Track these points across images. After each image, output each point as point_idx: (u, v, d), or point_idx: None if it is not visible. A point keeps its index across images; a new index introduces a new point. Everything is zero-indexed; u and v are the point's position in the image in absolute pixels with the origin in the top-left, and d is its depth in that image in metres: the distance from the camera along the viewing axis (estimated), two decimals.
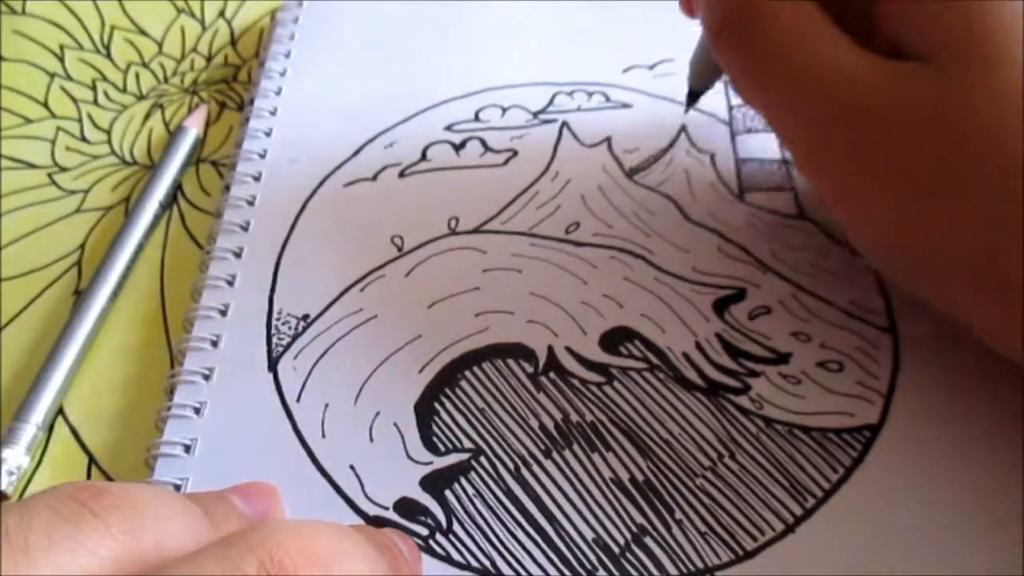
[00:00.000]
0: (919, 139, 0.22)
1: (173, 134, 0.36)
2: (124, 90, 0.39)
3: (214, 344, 0.29)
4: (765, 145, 0.33)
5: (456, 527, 0.25)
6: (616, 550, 0.24)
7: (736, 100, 0.35)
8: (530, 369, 0.28)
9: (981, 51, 0.22)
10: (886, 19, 0.24)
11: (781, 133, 0.26)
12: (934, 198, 0.23)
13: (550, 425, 0.26)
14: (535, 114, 0.35)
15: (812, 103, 0.24)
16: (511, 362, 0.28)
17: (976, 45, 0.22)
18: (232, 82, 0.39)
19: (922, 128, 0.22)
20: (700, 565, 0.24)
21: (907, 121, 0.23)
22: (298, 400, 0.27)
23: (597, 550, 0.24)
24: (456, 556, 0.24)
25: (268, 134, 0.35)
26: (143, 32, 0.41)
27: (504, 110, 0.35)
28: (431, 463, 0.26)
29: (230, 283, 0.30)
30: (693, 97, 0.32)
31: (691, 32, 0.30)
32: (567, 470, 0.26)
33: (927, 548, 0.23)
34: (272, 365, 0.28)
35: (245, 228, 0.32)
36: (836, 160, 0.24)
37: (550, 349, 0.28)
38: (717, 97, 0.35)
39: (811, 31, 0.24)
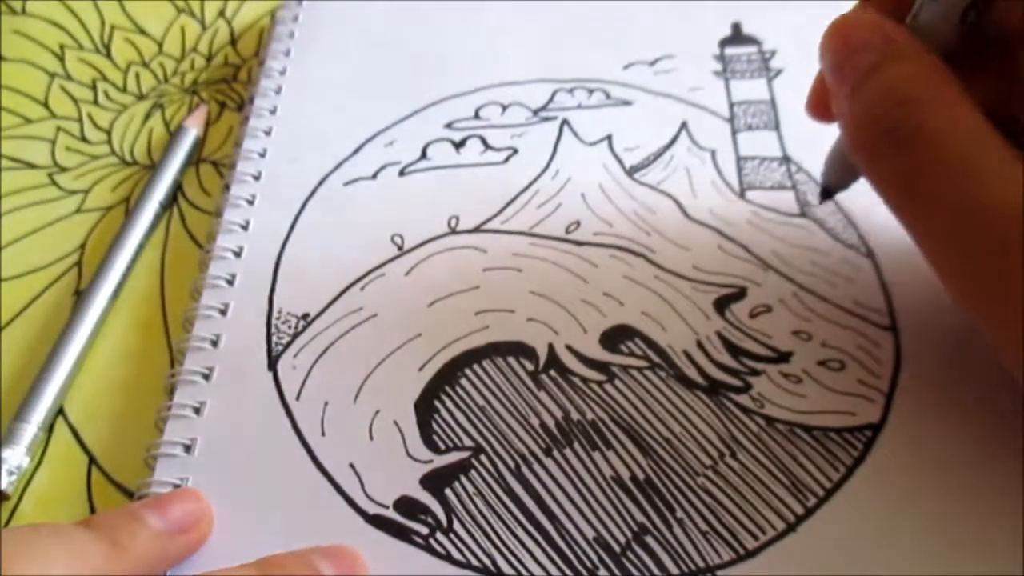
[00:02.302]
0: None
1: (173, 134, 0.36)
2: (124, 90, 0.39)
3: (214, 343, 0.29)
4: (766, 143, 0.33)
5: (456, 525, 0.25)
6: (617, 549, 0.24)
7: (737, 97, 0.35)
8: (531, 367, 0.28)
9: None
10: None
11: (943, 264, 0.22)
12: None
13: (551, 423, 0.26)
14: (535, 112, 0.35)
15: (983, 237, 0.20)
16: (511, 360, 0.28)
17: None
18: (232, 82, 0.39)
19: None
20: (701, 564, 0.24)
21: None
22: (298, 399, 0.27)
23: (598, 549, 0.24)
24: (456, 555, 0.24)
25: (268, 133, 0.35)
26: (143, 32, 0.41)
27: (504, 108, 0.35)
28: (431, 461, 0.26)
29: (230, 282, 0.30)
30: (827, 194, 0.29)
31: (692, 29, 0.29)
32: (568, 468, 0.25)
33: (928, 547, 0.23)
34: (272, 364, 0.28)
35: (245, 227, 0.32)
36: (1005, 302, 0.20)
37: (551, 347, 0.28)
38: (718, 94, 0.35)
39: (983, 149, 0.20)
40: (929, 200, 0.21)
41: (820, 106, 0.27)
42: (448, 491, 0.25)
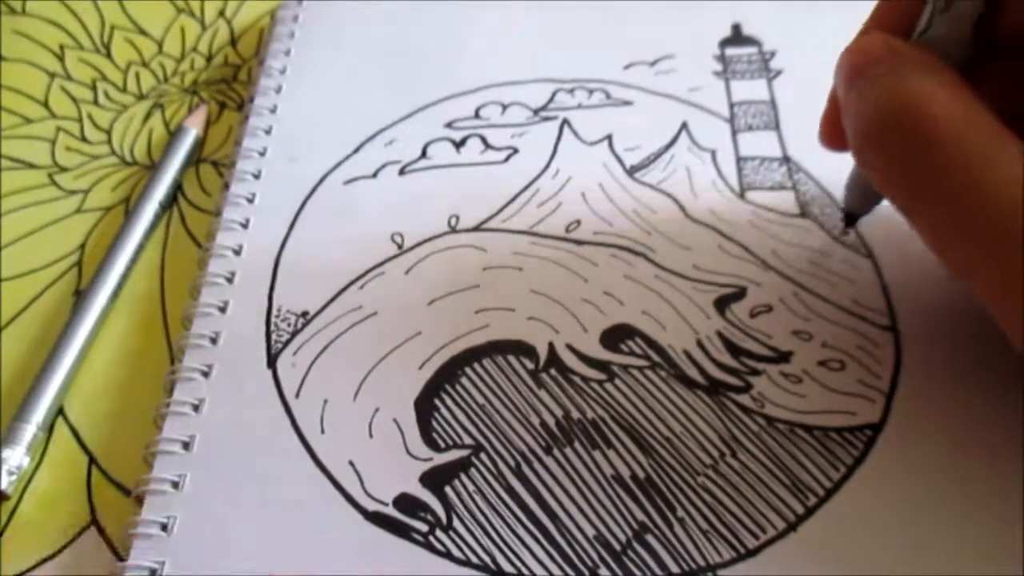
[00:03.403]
0: None
1: (173, 134, 0.36)
2: (124, 90, 0.39)
3: (213, 341, 0.29)
4: (766, 143, 0.33)
5: (456, 523, 0.25)
6: (617, 547, 0.24)
7: (737, 97, 0.35)
8: (531, 366, 0.28)
9: None
10: None
11: (957, 263, 0.22)
12: None
13: (551, 422, 0.26)
14: (536, 111, 0.35)
15: (999, 239, 0.20)
16: (512, 359, 0.28)
17: None
18: (232, 82, 0.39)
19: None
20: (702, 563, 0.24)
21: None
22: (297, 396, 0.27)
23: (598, 547, 0.24)
24: (456, 553, 0.24)
25: (268, 132, 0.35)
26: (143, 32, 0.41)
27: (504, 107, 0.35)
28: (431, 459, 0.26)
29: (229, 280, 0.30)
30: (851, 220, 0.29)
31: (692, 29, 0.30)
32: (568, 467, 0.25)
33: (928, 547, 0.23)
34: (271, 362, 0.28)
35: (245, 226, 0.32)
36: (1008, 293, 0.20)
37: (551, 346, 0.28)
38: (718, 94, 0.35)
39: (997, 151, 0.20)
40: (943, 196, 0.21)
41: (832, 135, 0.27)
42: (448, 489, 0.25)
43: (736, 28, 0.38)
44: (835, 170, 0.29)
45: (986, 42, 0.23)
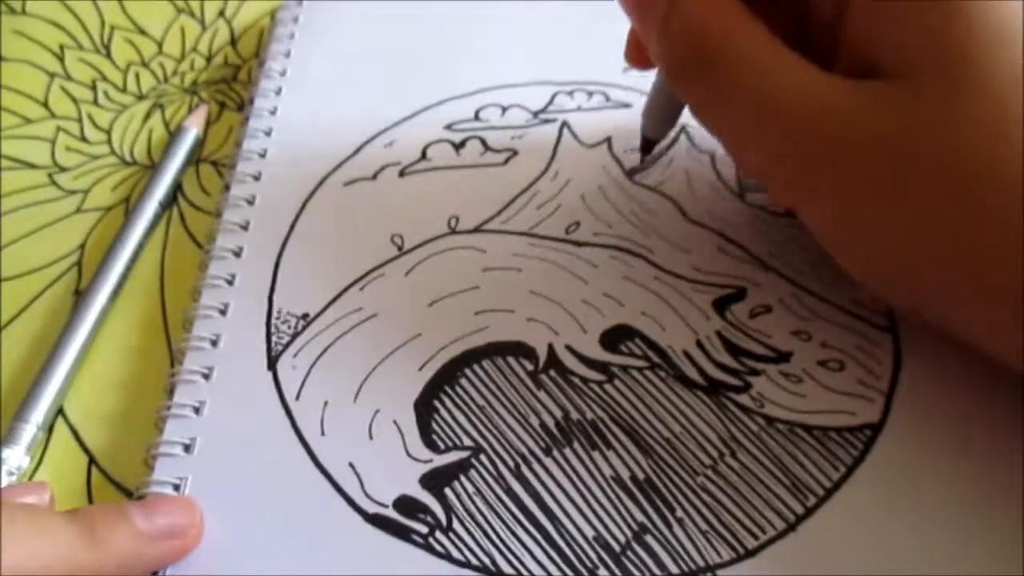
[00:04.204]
0: (899, 165, 0.22)
1: (173, 134, 0.36)
2: (124, 90, 0.39)
3: (214, 343, 0.29)
4: None
5: (456, 525, 0.25)
6: (617, 548, 0.24)
7: None
8: (530, 367, 0.28)
9: (955, 67, 0.21)
10: (853, 38, 0.23)
11: (753, 166, 0.25)
12: (918, 224, 0.22)
13: (550, 423, 0.26)
14: (535, 113, 0.35)
15: (784, 138, 0.23)
16: (511, 360, 0.28)
17: (949, 60, 0.21)
18: (232, 82, 0.39)
19: (900, 153, 0.22)
20: (701, 563, 0.24)
21: (884, 147, 0.22)
22: (297, 398, 0.27)
23: (598, 548, 0.24)
24: (456, 554, 0.24)
25: (268, 134, 0.35)
26: (143, 32, 0.41)
27: (504, 109, 0.35)
28: (431, 461, 0.26)
29: (230, 282, 0.30)
30: (648, 145, 0.32)
31: None
32: (568, 468, 0.25)
33: (928, 547, 0.23)
34: (272, 364, 0.28)
35: (245, 227, 0.32)
36: (812, 192, 0.24)
37: (550, 347, 0.28)
38: None
39: (775, 63, 0.23)
40: (737, 112, 0.24)
41: (636, 55, 0.29)
42: (448, 490, 0.25)
43: None
44: None
45: None
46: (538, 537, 0.24)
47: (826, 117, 0.22)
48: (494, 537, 0.24)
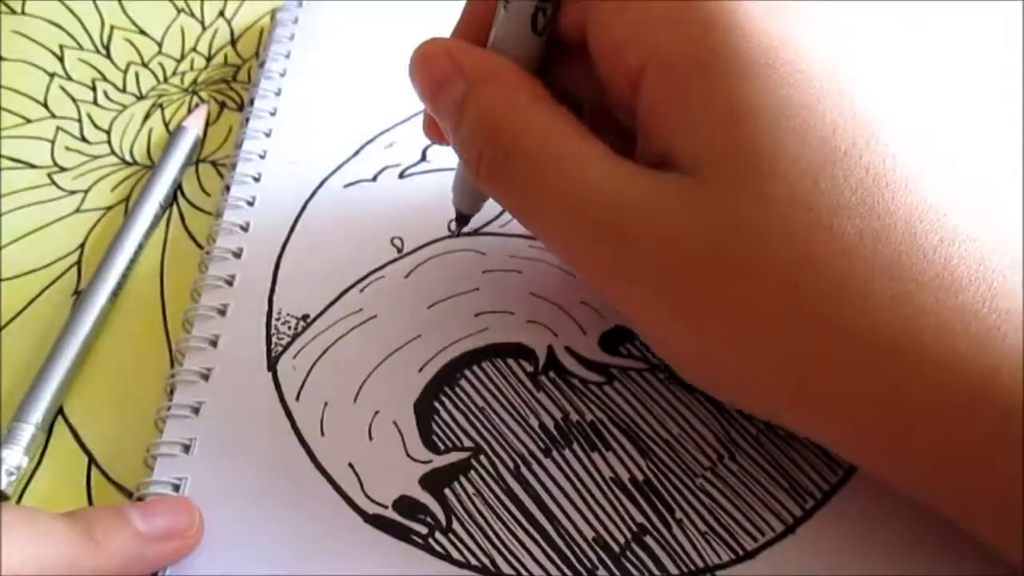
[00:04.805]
0: (687, 257, 0.20)
1: (173, 134, 0.36)
2: (124, 90, 0.39)
3: (213, 344, 0.29)
4: None
5: (456, 526, 0.25)
6: (616, 549, 0.24)
7: None
8: (530, 368, 0.28)
9: (743, 168, 0.20)
10: (645, 128, 0.22)
11: (565, 261, 0.24)
12: (737, 329, 0.20)
13: (550, 424, 0.26)
14: None
15: (586, 234, 0.22)
16: (511, 361, 0.28)
17: (736, 157, 0.20)
18: (232, 82, 0.39)
19: (687, 246, 0.20)
20: (700, 564, 0.24)
21: (671, 239, 0.20)
22: (297, 399, 0.27)
23: (597, 549, 0.24)
24: (456, 555, 0.24)
25: (268, 135, 0.35)
26: (143, 32, 0.41)
27: None
28: (431, 462, 0.26)
29: (229, 283, 0.30)
30: (463, 220, 0.29)
31: None
32: (567, 469, 0.26)
33: (926, 549, 0.23)
34: (271, 365, 0.28)
35: (245, 228, 0.32)
36: (626, 294, 0.22)
37: (550, 349, 0.28)
38: None
39: (575, 156, 0.22)
40: (534, 204, 0.23)
41: (436, 130, 0.27)
42: (447, 491, 0.25)
43: None
44: None
45: (555, 39, 0.24)
46: (538, 538, 0.24)
47: (626, 214, 0.21)
48: (494, 538, 0.24)
